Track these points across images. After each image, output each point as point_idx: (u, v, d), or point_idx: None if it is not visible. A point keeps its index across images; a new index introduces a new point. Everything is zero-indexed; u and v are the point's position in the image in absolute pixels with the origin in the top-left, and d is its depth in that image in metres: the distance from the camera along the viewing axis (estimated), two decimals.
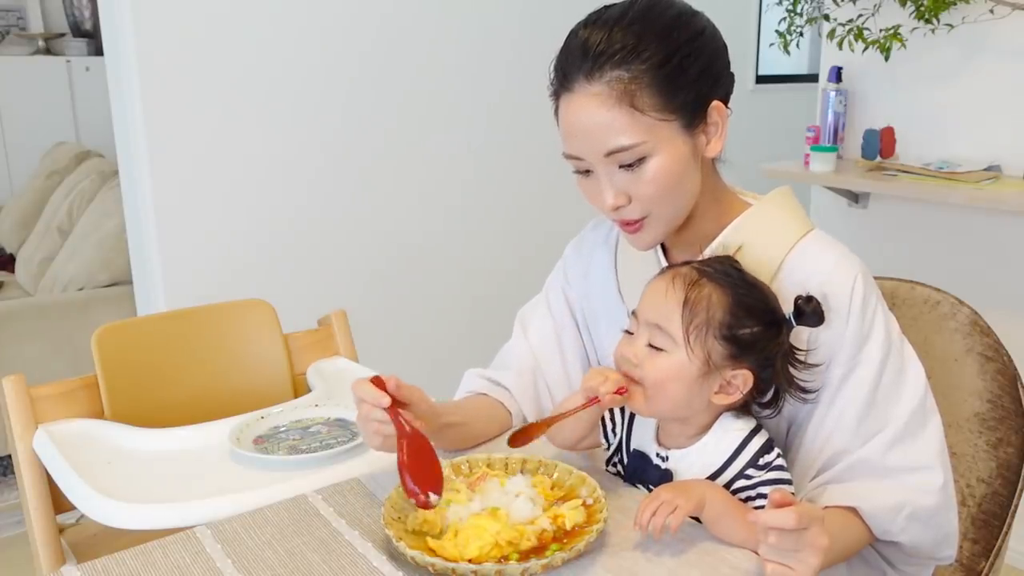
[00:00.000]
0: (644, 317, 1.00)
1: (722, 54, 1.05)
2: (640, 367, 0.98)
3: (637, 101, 0.97)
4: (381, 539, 0.97)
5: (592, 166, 1.03)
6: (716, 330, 0.96)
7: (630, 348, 1.00)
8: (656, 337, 0.98)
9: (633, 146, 0.99)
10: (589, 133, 1.00)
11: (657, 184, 1.01)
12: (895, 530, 1.02)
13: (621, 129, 0.98)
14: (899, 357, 1.05)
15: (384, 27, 2.58)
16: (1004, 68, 2.24)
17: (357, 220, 2.65)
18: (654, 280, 1.02)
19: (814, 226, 1.10)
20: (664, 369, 0.97)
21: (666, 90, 0.98)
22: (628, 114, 0.98)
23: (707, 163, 1.08)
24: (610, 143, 0.99)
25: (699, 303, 0.97)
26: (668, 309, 0.97)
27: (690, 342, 0.96)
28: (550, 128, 1.12)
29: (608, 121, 0.98)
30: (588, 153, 1.01)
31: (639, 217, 1.04)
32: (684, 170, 1.02)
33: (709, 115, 1.03)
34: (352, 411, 1.30)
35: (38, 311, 2.89)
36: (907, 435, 1.03)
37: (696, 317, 0.96)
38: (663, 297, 0.98)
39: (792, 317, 0.97)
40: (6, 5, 4.34)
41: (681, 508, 0.90)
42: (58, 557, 1.27)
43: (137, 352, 1.46)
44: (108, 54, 2.28)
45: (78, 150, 3.68)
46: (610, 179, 1.02)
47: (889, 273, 1.36)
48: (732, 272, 1.00)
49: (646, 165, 1.00)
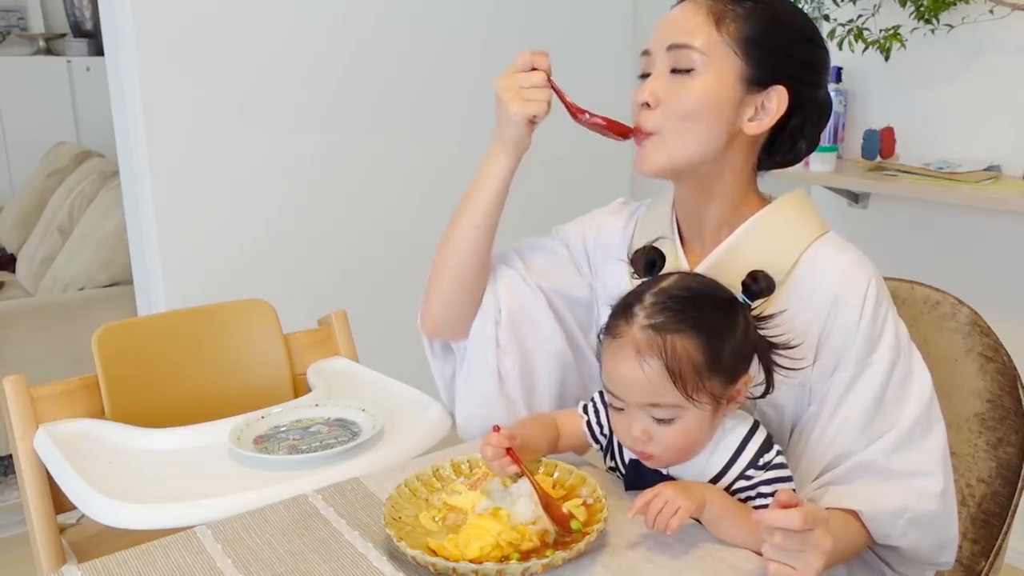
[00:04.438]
0: (633, 400, 0.95)
1: (821, 71, 1.09)
2: (653, 441, 0.96)
3: (723, 23, 1.03)
4: (381, 539, 0.97)
5: (653, 66, 1.06)
6: (707, 371, 0.93)
7: (633, 428, 0.96)
8: (657, 412, 0.95)
9: (693, 48, 1.03)
10: (669, 26, 1.06)
11: (686, 102, 1.03)
12: (895, 534, 1.02)
13: (694, 32, 1.03)
14: (907, 363, 1.05)
15: (384, 27, 2.58)
16: (1004, 68, 2.23)
17: (357, 220, 2.65)
18: (614, 357, 0.96)
19: (829, 229, 1.10)
20: (683, 433, 0.95)
21: (753, 34, 1.03)
22: (709, 27, 1.03)
23: (744, 144, 1.07)
24: (678, 37, 1.04)
25: (682, 364, 0.92)
26: (657, 386, 0.93)
27: (694, 399, 0.93)
28: (551, 129, 1.12)
29: (690, 22, 1.04)
30: (657, 44, 1.06)
31: (649, 129, 1.06)
32: (716, 109, 1.03)
33: (769, 94, 1.04)
34: (352, 410, 1.31)
35: (38, 311, 2.89)
36: (911, 440, 1.02)
37: (687, 377, 0.93)
38: (642, 377, 0.93)
39: (745, 298, 0.97)
40: (6, 5, 4.34)
41: (683, 509, 0.90)
42: (58, 557, 1.27)
43: (137, 352, 1.46)
44: (108, 54, 2.28)
45: (78, 150, 3.68)
46: (656, 78, 1.06)
47: (889, 273, 1.36)
48: (673, 305, 0.95)
49: (691, 77, 1.03)
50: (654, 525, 0.90)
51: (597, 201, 1.32)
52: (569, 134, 1.10)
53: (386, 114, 2.63)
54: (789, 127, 1.08)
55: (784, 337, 0.99)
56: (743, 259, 1.05)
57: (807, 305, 1.03)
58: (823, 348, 1.03)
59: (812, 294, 1.03)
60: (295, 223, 2.53)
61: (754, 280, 0.97)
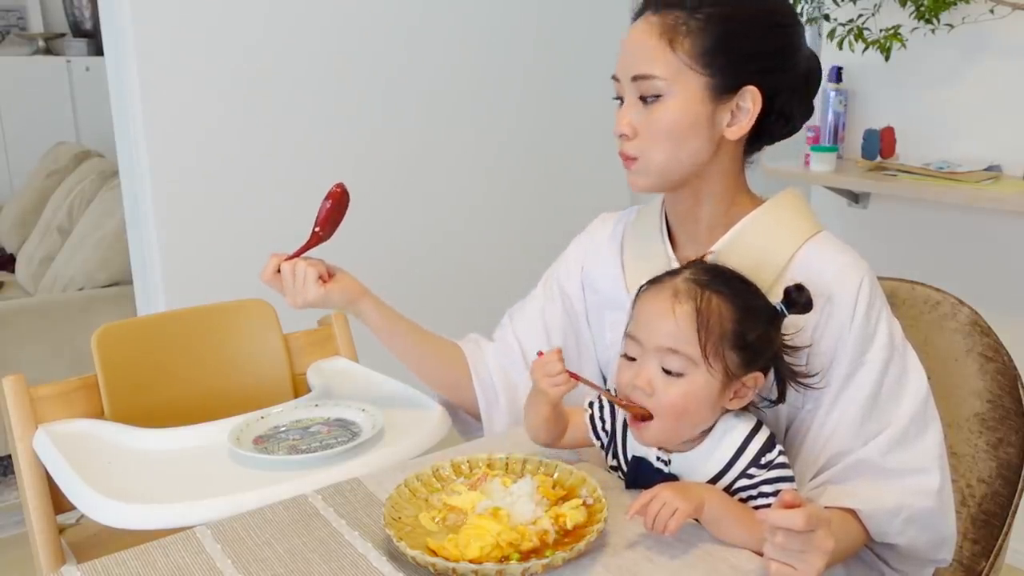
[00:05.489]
0: (652, 342, 0.96)
1: (790, 56, 1.06)
2: (654, 396, 0.96)
3: (676, 41, 1.02)
4: (381, 539, 0.97)
5: (623, 91, 1.07)
6: (730, 340, 0.95)
7: (639, 376, 0.97)
8: (670, 361, 0.95)
9: (653, 77, 1.02)
10: (628, 54, 1.06)
11: (660, 127, 1.03)
12: (893, 532, 1.02)
13: (651, 59, 1.03)
14: (902, 361, 1.05)
15: (384, 27, 2.58)
16: (1004, 68, 2.23)
17: (357, 220, 2.64)
18: (649, 300, 0.98)
19: (823, 228, 1.10)
20: (686, 394, 0.95)
21: (708, 45, 1.01)
22: (663, 49, 1.02)
23: (729, 148, 1.08)
24: (637, 68, 1.04)
25: (711, 317, 0.94)
26: (681, 330, 0.94)
27: (709, 360, 0.94)
28: (551, 130, 1.12)
29: (645, 48, 1.03)
30: (622, 73, 1.06)
31: (633, 156, 1.07)
32: (691, 128, 1.03)
33: (742, 95, 1.04)
34: (352, 411, 1.30)
35: (38, 311, 2.89)
36: (907, 438, 1.03)
37: (712, 333, 0.94)
38: (671, 318, 0.95)
39: (783, 307, 0.97)
40: (6, 5, 4.34)
41: (681, 511, 0.90)
42: (58, 557, 1.27)
43: (137, 352, 1.46)
44: (108, 54, 2.28)
45: (78, 150, 3.68)
46: (628, 107, 1.06)
47: (889, 273, 1.36)
48: (726, 274, 0.99)
49: (659, 104, 1.03)
50: (652, 526, 0.90)
51: (597, 201, 1.32)
52: (569, 135, 1.10)
53: (387, 115, 2.63)
54: (775, 110, 1.08)
55: (802, 368, 1.01)
56: (736, 259, 1.05)
57: None
58: (817, 346, 1.04)
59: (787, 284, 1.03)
60: (295, 223, 2.52)
61: (799, 290, 0.97)
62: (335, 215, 1.25)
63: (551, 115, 2.86)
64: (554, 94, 2.86)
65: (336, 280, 1.25)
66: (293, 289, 1.22)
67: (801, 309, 0.97)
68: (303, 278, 1.21)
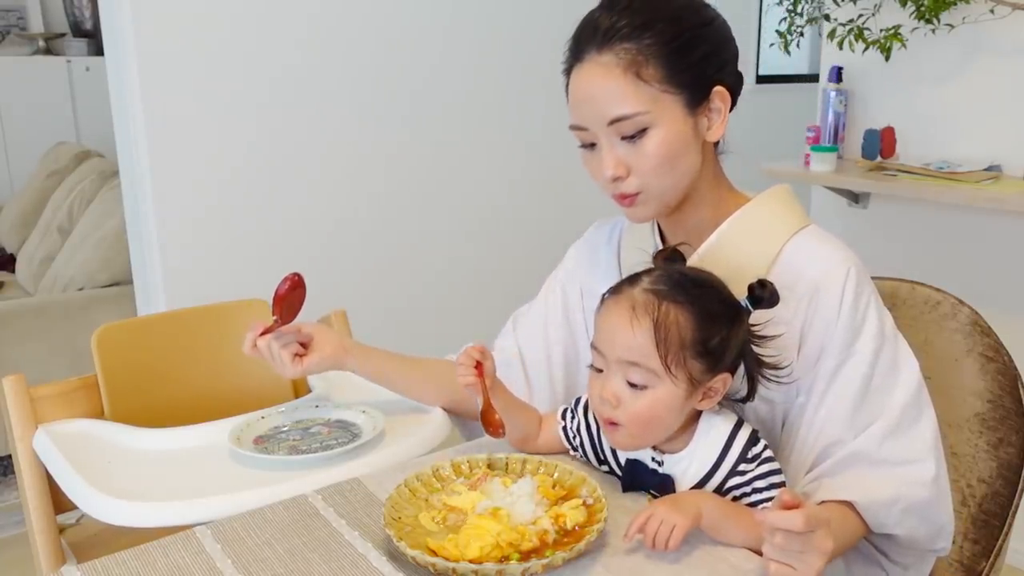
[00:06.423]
0: (614, 355, 0.97)
1: (729, 45, 1.07)
2: (621, 408, 0.97)
3: (643, 71, 1.00)
4: (381, 539, 0.97)
5: (596, 137, 1.05)
6: (691, 349, 0.95)
7: (605, 389, 0.98)
8: (633, 374, 0.96)
9: (635, 115, 1.01)
10: (595, 101, 1.02)
11: (656, 157, 1.02)
12: (891, 523, 1.02)
13: (625, 97, 1.00)
14: (892, 350, 1.05)
15: (384, 27, 2.58)
16: (1004, 68, 2.23)
17: (357, 220, 2.65)
18: (609, 312, 0.99)
19: (811, 222, 1.11)
20: (651, 405, 0.96)
21: (672, 64, 1.01)
22: (633, 83, 1.00)
23: (709, 151, 1.09)
24: (613, 111, 1.01)
25: (670, 329, 0.94)
26: (640, 344, 0.95)
27: (672, 371, 0.95)
28: (550, 129, 1.12)
29: (613, 89, 1.01)
30: (593, 122, 1.03)
31: (635, 191, 1.06)
32: (683, 147, 1.03)
33: (712, 99, 1.04)
34: (352, 412, 1.31)
35: (38, 311, 2.89)
36: (901, 428, 1.03)
37: (672, 345, 0.94)
38: (630, 332, 0.95)
39: (748, 303, 0.98)
40: (6, 5, 4.34)
41: (680, 526, 0.90)
42: (58, 557, 1.27)
43: (137, 352, 1.46)
44: (108, 54, 2.28)
45: (78, 150, 3.68)
46: (611, 150, 1.04)
47: (889, 273, 1.36)
48: (682, 280, 0.98)
49: (646, 137, 1.02)
50: (654, 545, 0.90)
51: (597, 200, 1.32)
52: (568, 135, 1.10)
53: (387, 114, 2.63)
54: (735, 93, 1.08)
55: (774, 359, 1.00)
56: (726, 255, 1.06)
57: (789, 296, 1.03)
58: (806, 338, 1.04)
59: (793, 285, 1.04)
60: (295, 223, 2.53)
61: (762, 286, 0.97)
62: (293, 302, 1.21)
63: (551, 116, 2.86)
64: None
65: (314, 350, 1.23)
66: (274, 364, 1.22)
67: (767, 304, 0.97)
68: (279, 359, 1.20)
